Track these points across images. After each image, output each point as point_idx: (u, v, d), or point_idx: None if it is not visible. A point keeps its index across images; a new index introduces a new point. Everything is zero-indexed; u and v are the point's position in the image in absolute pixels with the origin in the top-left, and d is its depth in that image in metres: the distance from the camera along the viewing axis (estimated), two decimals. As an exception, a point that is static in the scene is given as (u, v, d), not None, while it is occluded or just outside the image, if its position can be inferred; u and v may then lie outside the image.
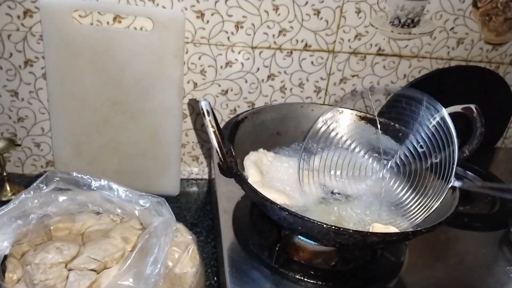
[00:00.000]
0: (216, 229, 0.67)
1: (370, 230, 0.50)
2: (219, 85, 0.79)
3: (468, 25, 0.79)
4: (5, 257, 0.56)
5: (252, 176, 0.59)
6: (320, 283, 0.53)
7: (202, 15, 0.72)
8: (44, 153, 0.81)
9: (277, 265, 0.54)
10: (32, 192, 0.56)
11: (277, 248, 0.53)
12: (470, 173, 0.78)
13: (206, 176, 0.88)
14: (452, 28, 0.79)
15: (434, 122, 0.63)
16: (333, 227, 0.45)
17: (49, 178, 0.57)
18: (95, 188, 0.58)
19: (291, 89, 0.81)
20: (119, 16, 0.70)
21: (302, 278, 0.53)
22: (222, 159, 0.51)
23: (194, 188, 0.86)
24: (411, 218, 0.55)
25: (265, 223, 0.63)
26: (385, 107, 0.83)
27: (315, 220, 0.45)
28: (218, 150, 0.50)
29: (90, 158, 0.78)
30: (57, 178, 0.57)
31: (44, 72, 0.74)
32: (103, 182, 0.58)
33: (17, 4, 0.68)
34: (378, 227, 0.50)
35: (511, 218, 0.67)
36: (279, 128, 0.68)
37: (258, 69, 0.78)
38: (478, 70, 0.84)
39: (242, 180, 0.52)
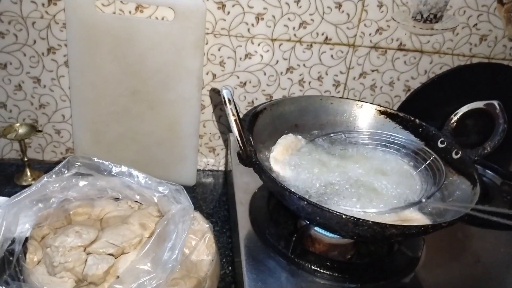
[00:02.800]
0: (233, 219, 0.67)
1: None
2: (238, 77, 0.79)
3: (492, 21, 0.78)
4: (26, 239, 0.57)
5: (276, 153, 0.59)
6: (337, 274, 0.53)
7: (223, 6, 0.72)
8: (64, 140, 0.82)
9: (293, 255, 0.54)
10: (54, 176, 0.57)
11: (294, 239, 0.53)
12: (489, 171, 0.77)
13: (222, 168, 0.89)
14: (476, 24, 0.78)
15: (455, 118, 0.63)
16: (352, 218, 0.45)
17: (71, 163, 0.58)
18: (115, 174, 0.59)
19: (309, 83, 0.81)
20: (141, 6, 0.71)
21: (318, 269, 0.53)
22: (242, 147, 0.51)
23: (210, 179, 0.86)
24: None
25: (281, 214, 0.63)
26: (405, 102, 0.82)
27: (334, 211, 0.45)
28: (239, 139, 0.50)
29: (109, 147, 0.79)
30: (79, 163, 0.58)
31: (66, 59, 0.75)
32: (124, 168, 0.59)
33: (42, -9, 0.69)
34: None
35: (531, 217, 0.66)
36: (297, 120, 0.68)
37: (277, 61, 0.78)
38: (501, 67, 0.82)
39: (261, 169, 0.52)
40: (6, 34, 0.72)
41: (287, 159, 0.62)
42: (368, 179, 0.60)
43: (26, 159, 0.78)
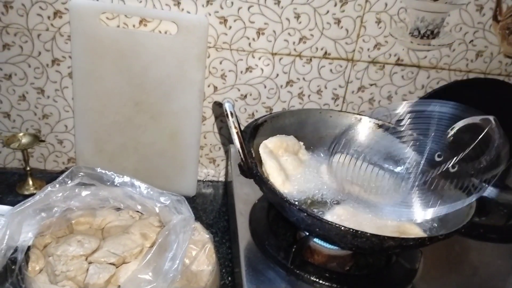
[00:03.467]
0: (233, 230, 0.68)
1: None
2: (239, 90, 0.80)
3: (488, 38, 0.80)
4: (28, 248, 0.58)
5: (270, 141, 0.61)
6: (335, 285, 0.53)
7: (225, 21, 0.74)
8: (66, 150, 0.83)
9: (293, 266, 0.54)
10: (57, 186, 0.58)
11: (293, 250, 0.54)
12: (485, 184, 0.78)
13: (222, 179, 0.90)
14: (472, 40, 0.80)
15: (452, 133, 0.64)
16: (351, 230, 0.46)
17: (74, 173, 0.59)
18: (118, 184, 0.60)
19: (309, 96, 0.82)
20: (145, 20, 0.73)
21: (317, 280, 0.54)
22: (243, 159, 0.52)
23: (210, 190, 0.87)
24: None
25: (281, 225, 0.64)
26: (404, 115, 0.83)
27: (333, 223, 0.46)
28: (240, 151, 0.51)
29: (111, 156, 0.80)
30: (82, 173, 0.59)
31: (70, 71, 0.76)
32: (126, 178, 0.60)
33: (48, 5, 0.71)
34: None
35: (527, 231, 0.67)
36: (297, 132, 0.69)
37: (278, 75, 0.79)
38: (497, 82, 0.84)
39: (261, 181, 0.53)
40: (12, 46, 0.73)
41: (279, 154, 0.62)
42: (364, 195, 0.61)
43: (28, 169, 0.79)
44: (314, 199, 0.60)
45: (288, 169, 0.62)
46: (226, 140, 0.85)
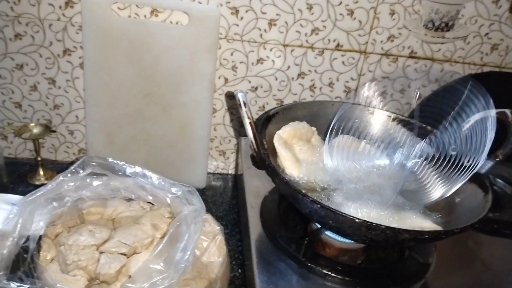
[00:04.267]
0: (243, 223, 0.67)
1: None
2: (249, 82, 0.80)
3: (504, 30, 0.78)
4: (40, 237, 0.58)
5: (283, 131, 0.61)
6: (348, 279, 0.53)
7: (237, 11, 0.73)
8: (77, 141, 0.84)
9: (304, 258, 0.54)
10: (69, 175, 0.58)
11: (305, 242, 0.53)
12: (500, 180, 0.77)
13: (231, 171, 0.89)
14: (487, 33, 0.78)
15: (467, 126, 0.63)
16: (365, 222, 0.45)
17: (86, 163, 0.59)
18: (129, 175, 0.60)
19: (320, 88, 0.81)
20: (156, 10, 0.72)
21: (329, 273, 0.53)
22: (256, 150, 0.52)
23: (220, 183, 0.87)
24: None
25: (292, 218, 0.63)
26: (417, 109, 0.83)
27: (347, 214, 0.46)
28: (253, 141, 0.51)
29: (121, 148, 0.80)
30: (94, 163, 0.59)
31: (81, 61, 0.76)
32: (138, 169, 0.60)
33: (60, -5, 0.71)
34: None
35: (541, 227, 0.66)
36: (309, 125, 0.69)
37: (289, 67, 0.79)
38: (512, 76, 0.82)
39: (274, 172, 0.53)
40: (23, 36, 0.73)
41: (293, 143, 0.62)
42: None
43: (39, 159, 0.79)
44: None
45: (304, 158, 0.62)
46: (237, 132, 0.85)
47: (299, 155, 0.62)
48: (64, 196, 0.59)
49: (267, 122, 0.63)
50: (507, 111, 0.59)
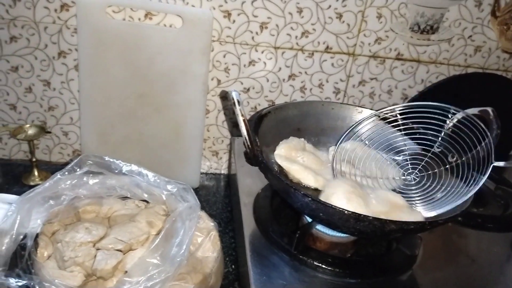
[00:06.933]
0: (237, 219, 0.69)
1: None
2: (242, 83, 0.82)
3: (486, 33, 0.82)
4: (37, 234, 0.59)
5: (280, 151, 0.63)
6: (338, 270, 0.55)
7: (229, 14, 0.75)
8: (72, 142, 0.85)
9: (296, 251, 0.56)
10: (66, 174, 0.59)
11: (297, 235, 0.55)
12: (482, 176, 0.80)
13: (224, 171, 0.91)
14: (470, 36, 0.82)
15: (451, 124, 0.66)
16: (354, 214, 0.47)
17: (83, 161, 0.60)
18: (126, 172, 0.61)
19: (311, 89, 0.84)
20: (150, 13, 0.74)
21: (320, 264, 0.55)
22: (249, 147, 0.53)
23: (213, 182, 0.89)
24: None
25: (284, 213, 0.65)
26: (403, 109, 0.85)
27: (337, 207, 0.48)
28: (247, 138, 0.53)
29: (114, 148, 0.81)
30: (90, 162, 0.60)
31: (76, 63, 0.77)
32: (134, 167, 0.61)
33: (55, -2, 0.72)
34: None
35: (523, 220, 0.69)
36: (300, 124, 0.71)
37: (280, 68, 0.81)
38: (495, 77, 0.85)
39: (267, 168, 0.55)
40: (19, 38, 0.74)
41: (293, 156, 0.64)
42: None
43: (34, 160, 0.80)
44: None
45: (310, 165, 0.64)
46: (229, 133, 0.87)
47: (305, 164, 0.65)
48: (61, 194, 0.60)
49: (259, 121, 0.65)
50: (489, 109, 0.62)
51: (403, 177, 0.66)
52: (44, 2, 0.72)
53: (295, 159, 0.66)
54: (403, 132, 0.68)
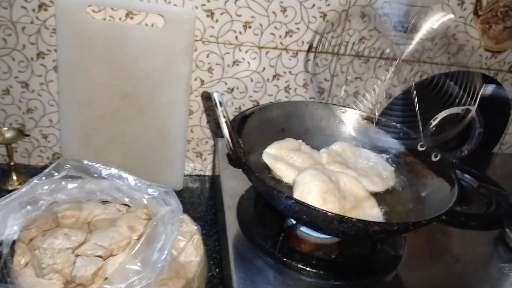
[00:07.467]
0: (221, 222, 0.68)
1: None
2: (226, 83, 0.81)
3: (469, 32, 0.82)
4: (14, 242, 0.57)
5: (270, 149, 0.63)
6: (322, 272, 0.54)
7: (212, 14, 0.74)
8: (51, 145, 0.83)
9: (280, 254, 0.55)
10: (43, 178, 0.58)
11: (281, 238, 0.55)
12: (467, 175, 0.80)
13: (208, 173, 0.90)
14: (454, 34, 0.82)
15: (434, 123, 0.66)
16: (337, 216, 0.47)
17: (61, 165, 0.59)
18: (105, 176, 0.60)
19: (295, 89, 0.83)
20: (131, 13, 0.72)
21: (304, 267, 0.55)
22: (232, 148, 0.53)
23: (197, 184, 0.87)
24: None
25: (268, 216, 0.64)
26: (387, 108, 0.85)
27: (320, 209, 0.47)
28: (229, 140, 0.52)
29: (97, 150, 0.80)
30: (69, 166, 0.59)
31: (55, 64, 0.75)
32: (114, 170, 0.60)
33: (33, -3, 0.70)
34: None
35: (506, 218, 0.69)
36: (284, 125, 0.70)
37: (264, 68, 0.80)
38: (478, 76, 0.86)
39: (249, 170, 0.54)
40: (-5, 39, 0.72)
41: (283, 155, 0.64)
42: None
43: (12, 164, 0.78)
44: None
45: (298, 164, 0.63)
46: (213, 134, 0.86)
47: (292, 163, 0.64)
48: (39, 199, 0.59)
49: (243, 122, 0.64)
50: (472, 107, 0.62)
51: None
52: (21, 1, 0.70)
53: (284, 158, 0.65)
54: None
